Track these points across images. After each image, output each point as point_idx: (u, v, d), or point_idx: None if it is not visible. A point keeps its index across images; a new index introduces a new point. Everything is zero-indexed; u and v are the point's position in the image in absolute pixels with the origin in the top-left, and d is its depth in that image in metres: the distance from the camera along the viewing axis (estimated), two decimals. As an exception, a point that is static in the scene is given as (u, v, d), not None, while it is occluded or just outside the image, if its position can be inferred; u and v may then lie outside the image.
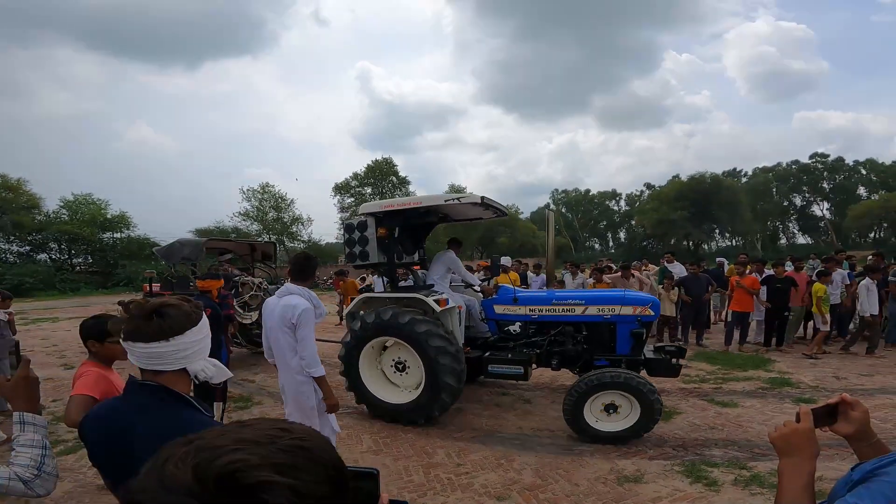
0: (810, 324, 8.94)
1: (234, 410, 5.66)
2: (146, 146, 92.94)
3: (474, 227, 45.28)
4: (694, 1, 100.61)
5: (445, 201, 4.82)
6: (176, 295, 1.72)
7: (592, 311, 4.91)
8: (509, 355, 5.03)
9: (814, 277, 8.38)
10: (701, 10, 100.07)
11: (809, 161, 58.28)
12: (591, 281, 9.42)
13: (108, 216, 35.05)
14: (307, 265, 3.44)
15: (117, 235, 35.48)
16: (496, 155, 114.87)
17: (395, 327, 4.81)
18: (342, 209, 44.46)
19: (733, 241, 55.93)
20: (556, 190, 75.03)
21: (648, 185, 64.65)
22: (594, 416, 4.39)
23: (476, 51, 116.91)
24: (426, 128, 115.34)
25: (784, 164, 59.59)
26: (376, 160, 45.44)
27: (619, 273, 9.26)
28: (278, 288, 9.91)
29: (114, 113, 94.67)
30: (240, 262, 10.32)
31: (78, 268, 33.88)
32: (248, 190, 42.99)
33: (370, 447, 4.54)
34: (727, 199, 47.14)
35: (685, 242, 49.46)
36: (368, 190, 45.09)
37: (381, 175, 44.87)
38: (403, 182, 45.84)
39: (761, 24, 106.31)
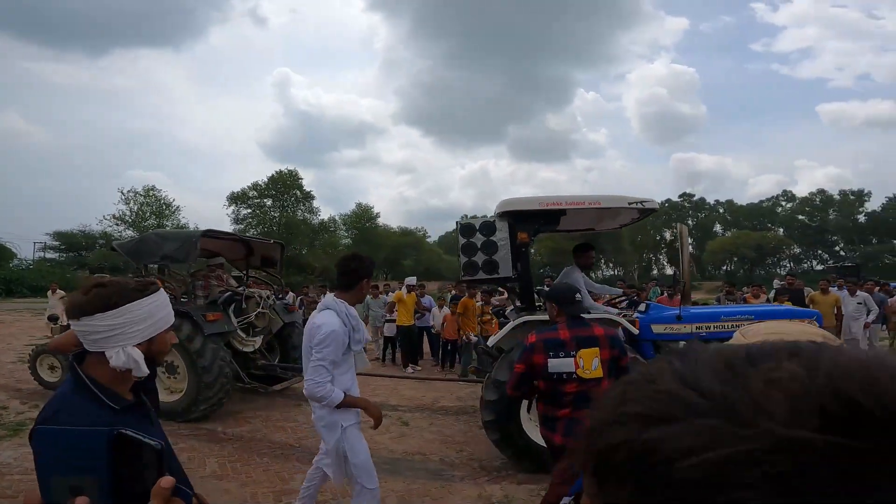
0: None
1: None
2: (11, 139, 77.97)
3: (381, 247, 44.78)
4: (612, 42, 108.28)
5: (629, 204, 4.38)
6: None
7: None
8: None
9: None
10: (614, 51, 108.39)
11: (678, 199, 67.47)
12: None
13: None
14: (348, 269, 2.69)
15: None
16: (411, 177, 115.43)
17: None
18: (237, 220, 41.59)
19: (616, 270, 62.24)
20: (466, 215, 77.17)
21: (546, 215, 69.74)
22: None
23: (403, 70, 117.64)
24: (343, 143, 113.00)
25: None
26: (279, 171, 43.41)
27: (505, 295, 9.72)
28: (286, 304, 7.42)
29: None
30: (232, 269, 7.62)
31: None
32: (128, 192, 38.78)
33: (214, 471, 4.18)
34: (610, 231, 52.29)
35: (575, 270, 53.65)
36: (269, 202, 42.82)
37: (284, 187, 42.88)
38: (308, 196, 44.21)
39: (658, 65, 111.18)
